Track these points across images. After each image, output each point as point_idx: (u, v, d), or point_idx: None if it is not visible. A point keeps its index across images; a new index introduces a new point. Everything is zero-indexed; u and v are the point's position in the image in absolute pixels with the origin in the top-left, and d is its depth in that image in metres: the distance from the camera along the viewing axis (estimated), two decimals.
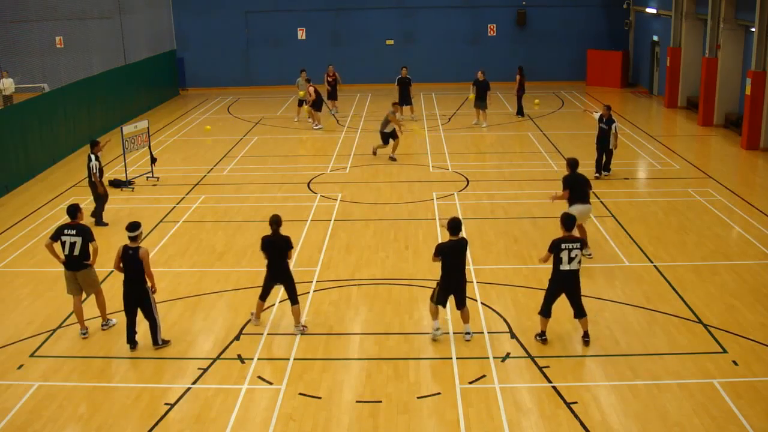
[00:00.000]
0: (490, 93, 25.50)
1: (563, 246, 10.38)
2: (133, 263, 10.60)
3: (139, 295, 10.70)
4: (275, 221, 11.09)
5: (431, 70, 34.27)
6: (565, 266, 10.39)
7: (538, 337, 10.86)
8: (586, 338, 10.72)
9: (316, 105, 25.77)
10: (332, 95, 28.39)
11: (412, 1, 35.03)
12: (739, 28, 24.29)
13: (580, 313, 10.69)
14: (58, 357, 10.82)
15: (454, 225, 10.70)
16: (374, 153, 21.91)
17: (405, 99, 26.28)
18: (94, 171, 16.14)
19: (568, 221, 10.67)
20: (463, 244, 10.72)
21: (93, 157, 16.22)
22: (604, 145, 18.84)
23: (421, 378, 10.00)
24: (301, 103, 27.03)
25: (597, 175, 18.93)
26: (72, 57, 25.60)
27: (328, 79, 28.34)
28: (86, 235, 11.13)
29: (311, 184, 19.26)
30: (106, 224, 16.27)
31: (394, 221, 16.29)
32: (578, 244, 10.41)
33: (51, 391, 9.88)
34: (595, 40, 34.92)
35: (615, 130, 18.60)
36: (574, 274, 10.45)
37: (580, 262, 10.44)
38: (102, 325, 11.54)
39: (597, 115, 19.13)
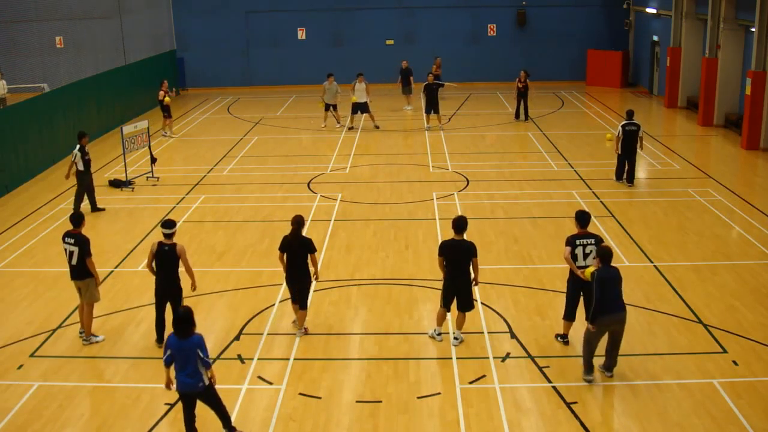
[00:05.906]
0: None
1: (577, 242, 10.30)
2: (169, 259, 10.61)
3: (171, 292, 10.72)
4: (295, 222, 10.99)
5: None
6: (580, 263, 10.31)
7: (558, 338, 10.80)
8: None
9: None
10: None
11: (412, 1, 35.04)
12: (739, 28, 24.28)
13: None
14: (58, 357, 10.81)
15: (455, 223, 10.63)
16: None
17: (433, 106, 25.01)
18: (75, 161, 16.68)
19: (581, 218, 10.48)
20: (464, 245, 10.58)
21: (78, 147, 16.71)
22: (630, 150, 18.19)
23: (421, 378, 9.99)
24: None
25: (619, 181, 18.58)
26: (72, 57, 25.64)
27: None
28: (82, 247, 10.83)
29: (311, 184, 19.26)
30: (102, 209, 17.34)
31: (394, 221, 16.29)
32: (593, 240, 10.26)
33: (51, 391, 9.88)
34: (595, 40, 34.92)
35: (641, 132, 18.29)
36: None
37: (595, 258, 10.17)
38: (83, 338, 11.12)
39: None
